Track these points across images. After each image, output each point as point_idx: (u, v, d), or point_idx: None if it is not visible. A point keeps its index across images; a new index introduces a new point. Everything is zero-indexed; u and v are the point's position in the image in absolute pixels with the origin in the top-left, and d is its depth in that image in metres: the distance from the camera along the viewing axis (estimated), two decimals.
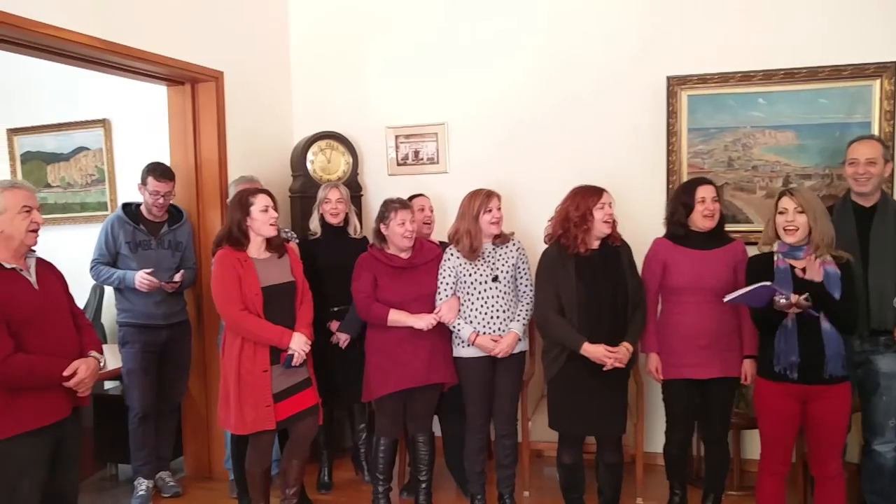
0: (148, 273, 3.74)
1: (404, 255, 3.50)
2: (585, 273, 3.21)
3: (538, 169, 4.35)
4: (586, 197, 3.22)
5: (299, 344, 3.23)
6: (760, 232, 3.86)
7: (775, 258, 2.99)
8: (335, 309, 3.79)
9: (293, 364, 3.22)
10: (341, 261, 3.66)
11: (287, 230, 3.98)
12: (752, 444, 3.95)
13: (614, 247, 3.29)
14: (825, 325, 2.85)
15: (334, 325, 3.82)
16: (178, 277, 3.86)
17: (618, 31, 4.25)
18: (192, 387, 4.23)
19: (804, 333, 2.87)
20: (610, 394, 3.25)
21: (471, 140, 4.56)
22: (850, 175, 3.23)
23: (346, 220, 3.94)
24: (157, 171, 3.86)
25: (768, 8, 4.00)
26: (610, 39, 4.26)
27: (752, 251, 3.32)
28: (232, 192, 3.79)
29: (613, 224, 3.27)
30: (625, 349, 3.18)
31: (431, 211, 3.99)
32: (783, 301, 2.81)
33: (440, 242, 3.72)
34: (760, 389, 3.05)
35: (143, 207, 3.94)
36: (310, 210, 4.06)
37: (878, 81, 3.82)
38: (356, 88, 4.76)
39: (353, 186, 4.43)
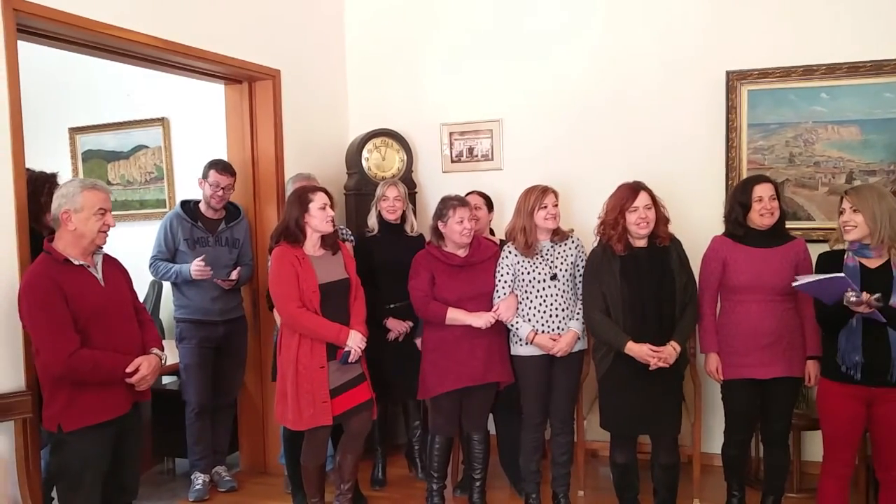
0: (201, 261, 3.79)
1: (462, 253, 3.50)
2: (629, 272, 3.19)
3: (595, 165, 4.32)
4: (621, 199, 3.21)
5: (356, 341, 3.25)
6: (822, 229, 3.86)
7: (845, 255, 2.92)
8: (391, 306, 3.81)
9: (350, 361, 3.25)
10: (398, 258, 3.67)
11: (343, 227, 4.01)
12: (814, 446, 3.87)
13: (662, 246, 3.24)
14: (892, 330, 2.78)
15: (392, 322, 3.83)
16: (234, 275, 3.92)
17: (676, 26, 4.19)
18: (248, 383, 4.29)
19: (869, 334, 2.80)
20: (660, 393, 3.22)
21: (526, 136, 4.54)
22: None
23: (404, 218, 3.96)
24: (219, 164, 3.94)
25: (830, 1, 3.90)
26: (668, 34, 4.21)
27: (812, 248, 3.27)
28: (289, 189, 3.83)
29: (664, 223, 3.24)
30: (671, 348, 3.15)
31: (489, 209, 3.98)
32: (854, 298, 2.73)
33: (499, 241, 3.71)
34: (824, 390, 3.00)
35: (201, 204, 4.01)
36: (364, 207, 4.09)
37: None
38: (410, 85, 4.77)
39: (408, 184, 4.44)
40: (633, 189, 3.22)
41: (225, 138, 4.35)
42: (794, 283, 2.96)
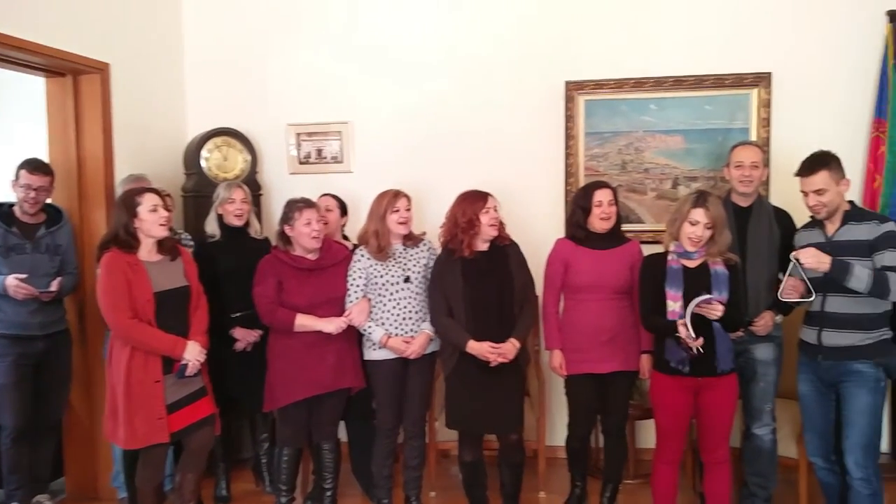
0: (20, 279, 3.46)
1: (311, 257, 3.42)
2: (471, 274, 3.30)
3: (446, 170, 4.36)
4: (473, 202, 3.31)
5: (194, 353, 3.09)
6: (652, 231, 4.12)
7: (669, 258, 3.12)
8: (236, 315, 3.66)
9: (187, 374, 3.08)
10: (242, 264, 3.53)
11: (181, 232, 3.79)
12: (646, 434, 4.13)
13: (502, 247, 3.36)
14: (716, 323, 3.00)
15: (239, 331, 3.68)
16: (54, 286, 3.57)
17: (519, 37, 4.34)
18: (75, 401, 3.95)
19: (696, 328, 2.98)
20: (502, 391, 3.32)
21: (378, 139, 4.52)
22: (736, 178, 3.42)
23: (247, 222, 3.81)
24: (31, 164, 3.59)
25: (659, 18, 4.20)
26: (512, 44, 4.34)
27: (644, 249, 3.48)
28: (119, 191, 3.60)
29: (501, 226, 3.36)
30: (510, 345, 3.26)
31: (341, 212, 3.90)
32: (683, 330, 2.92)
33: (352, 245, 3.66)
34: (656, 383, 3.19)
35: (16, 208, 3.64)
36: (204, 210, 3.90)
37: (755, 90, 4.09)
38: (255, 84, 4.61)
39: (252, 186, 4.28)
40: (482, 193, 3.33)
41: (46, 136, 3.98)
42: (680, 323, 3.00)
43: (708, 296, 2.93)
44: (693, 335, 2.91)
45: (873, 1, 3.97)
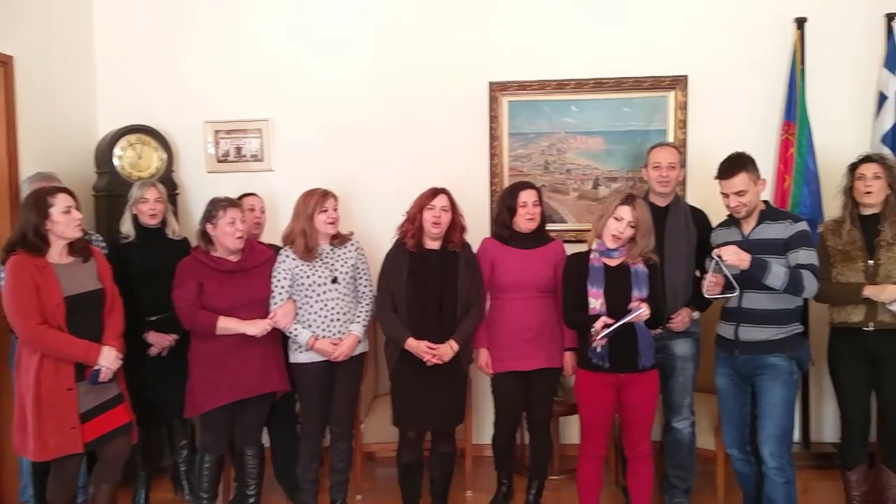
0: None
1: (234, 258, 3.34)
2: (417, 272, 3.31)
3: (374, 170, 4.35)
4: (421, 198, 3.35)
5: (108, 359, 2.97)
6: (574, 231, 4.19)
7: (591, 256, 3.18)
8: (153, 318, 3.54)
9: (100, 380, 2.97)
10: (159, 265, 3.42)
11: (92, 233, 3.64)
12: (570, 430, 4.20)
13: (453, 251, 3.37)
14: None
15: (153, 335, 3.56)
16: None
17: (445, 36, 4.33)
18: None
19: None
20: (443, 388, 3.35)
21: (301, 137, 4.43)
22: (655, 178, 3.51)
23: (164, 222, 3.68)
24: None
25: (582, 21, 4.28)
26: (438, 43, 4.34)
27: (567, 248, 3.54)
28: (25, 190, 3.41)
29: (459, 229, 3.38)
30: (448, 347, 3.29)
31: (262, 212, 3.82)
32: (599, 325, 2.99)
33: (270, 245, 3.58)
34: (580, 379, 3.24)
35: None
36: (117, 210, 3.76)
37: (672, 93, 4.22)
38: (170, 81, 4.45)
39: (168, 184, 4.13)
40: (434, 190, 3.36)
41: None
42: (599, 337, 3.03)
43: (635, 311, 2.98)
44: (603, 336, 2.97)
45: (783, 8, 4.15)
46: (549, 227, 3.83)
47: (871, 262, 3.20)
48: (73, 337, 2.91)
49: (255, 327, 3.26)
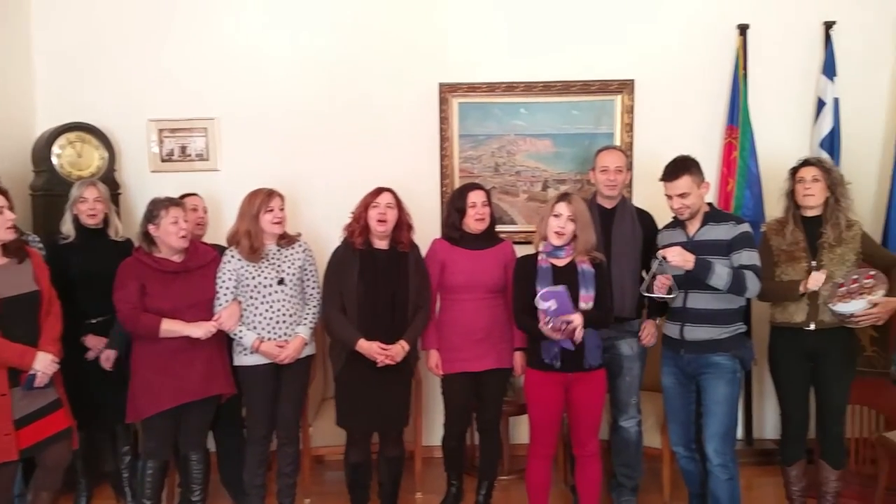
0: None
1: (177, 259, 3.27)
2: (367, 272, 3.30)
3: (323, 170, 4.29)
4: (367, 196, 3.36)
5: (44, 364, 2.89)
6: (524, 232, 4.22)
7: (539, 257, 3.21)
8: (93, 321, 3.45)
9: (36, 385, 2.88)
10: (100, 267, 3.33)
11: (29, 234, 3.52)
12: (519, 430, 4.22)
13: (402, 251, 3.36)
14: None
15: (91, 339, 3.46)
16: None
17: (395, 37, 4.31)
18: None
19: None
20: (391, 389, 3.35)
21: (247, 137, 4.35)
22: (602, 181, 3.56)
23: (106, 222, 3.58)
24: None
25: (531, 24, 4.29)
26: (388, 44, 4.31)
27: (517, 249, 3.58)
28: None
29: (406, 228, 3.38)
30: (399, 347, 3.29)
31: (205, 212, 3.75)
32: (550, 327, 3.02)
33: (214, 246, 3.51)
34: (529, 379, 3.27)
35: None
36: (56, 210, 3.64)
37: (620, 97, 4.27)
38: (112, 78, 4.33)
39: (110, 184, 4.00)
40: (379, 189, 3.36)
41: None
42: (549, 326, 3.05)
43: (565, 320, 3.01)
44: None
45: (727, 15, 4.24)
46: (499, 228, 3.86)
47: (813, 262, 3.29)
48: (6, 341, 2.82)
49: (200, 329, 3.20)
